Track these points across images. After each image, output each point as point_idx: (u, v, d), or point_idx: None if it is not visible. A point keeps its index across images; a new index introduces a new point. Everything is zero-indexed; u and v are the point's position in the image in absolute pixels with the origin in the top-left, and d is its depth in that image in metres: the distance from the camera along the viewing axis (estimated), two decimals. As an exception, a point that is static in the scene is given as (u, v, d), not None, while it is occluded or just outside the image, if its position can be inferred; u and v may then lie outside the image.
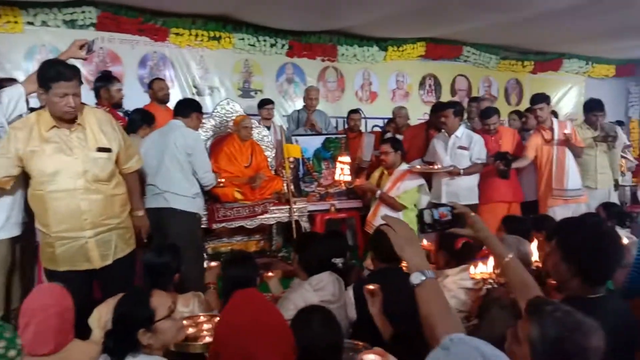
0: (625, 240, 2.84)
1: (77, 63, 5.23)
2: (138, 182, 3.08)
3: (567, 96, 8.95)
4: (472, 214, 1.70)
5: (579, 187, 4.72)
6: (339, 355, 1.81)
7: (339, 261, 2.82)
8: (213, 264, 2.97)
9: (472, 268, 2.49)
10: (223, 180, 4.36)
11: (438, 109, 5.00)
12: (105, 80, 4.27)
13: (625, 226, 3.53)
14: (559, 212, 4.54)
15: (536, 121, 4.83)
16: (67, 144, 2.60)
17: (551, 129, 4.72)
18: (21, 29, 5.18)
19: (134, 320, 1.74)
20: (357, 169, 5.44)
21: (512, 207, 4.74)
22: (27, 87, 2.83)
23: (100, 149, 2.67)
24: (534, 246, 2.66)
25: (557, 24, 6.26)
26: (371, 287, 2.26)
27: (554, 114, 6.14)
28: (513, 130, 5.11)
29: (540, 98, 4.71)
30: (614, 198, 5.15)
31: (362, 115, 6.19)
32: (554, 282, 1.91)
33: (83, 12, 5.34)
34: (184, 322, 2.15)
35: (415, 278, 1.32)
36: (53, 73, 2.50)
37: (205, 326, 2.21)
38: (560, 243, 1.71)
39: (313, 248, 2.59)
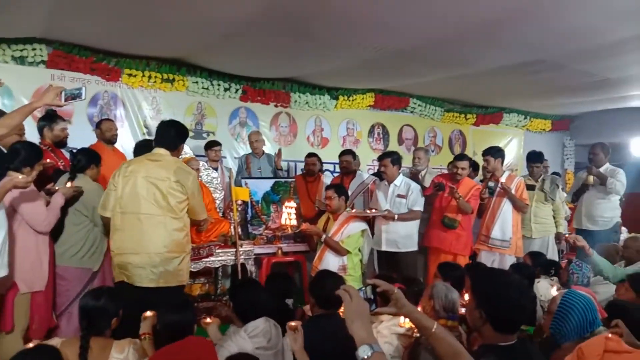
0: (554, 291, 3.05)
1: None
2: None
3: (508, 148, 9.43)
4: (395, 290, 1.73)
5: (506, 238, 4.76)
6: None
7: (290, 302, 2.85)
8: (148, 313, 2.66)
9: (401, 318, 2.58)
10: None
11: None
12: (48, 119, 4.12)
13: (551, 274, 3.74)
14: (484, 257, 4.76)
15: (486, 171, 5.02)
16: None
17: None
18: (-33, 64, 5.08)
19: None
20: (317, 212, 5.49)
21: (457, 259, 4.64)
22: None
23: None
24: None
25: (498, 81, 6.71)
26: (293, 323, 2.32)
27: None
28: (474, 184, 5.00)
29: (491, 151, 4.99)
30: (552, 247, 5.37)
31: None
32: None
33: (34, 49, 5.29)
34: None
35: (363, 352, 1.35)
36: None
37: None
38: (473, 291, 1.83)
39: (247, 295, 2.60)
